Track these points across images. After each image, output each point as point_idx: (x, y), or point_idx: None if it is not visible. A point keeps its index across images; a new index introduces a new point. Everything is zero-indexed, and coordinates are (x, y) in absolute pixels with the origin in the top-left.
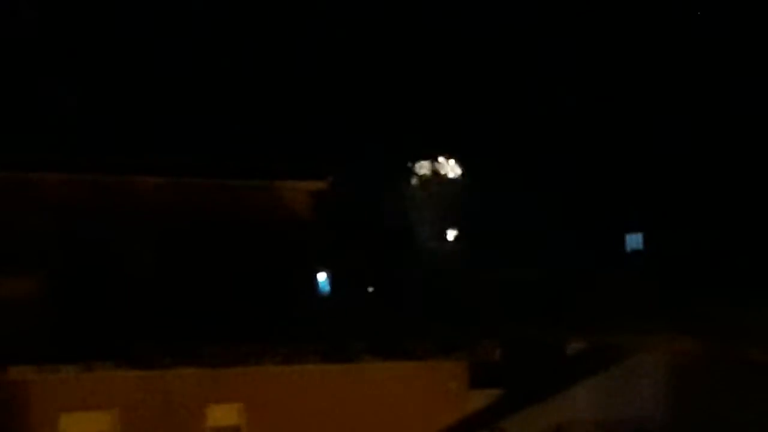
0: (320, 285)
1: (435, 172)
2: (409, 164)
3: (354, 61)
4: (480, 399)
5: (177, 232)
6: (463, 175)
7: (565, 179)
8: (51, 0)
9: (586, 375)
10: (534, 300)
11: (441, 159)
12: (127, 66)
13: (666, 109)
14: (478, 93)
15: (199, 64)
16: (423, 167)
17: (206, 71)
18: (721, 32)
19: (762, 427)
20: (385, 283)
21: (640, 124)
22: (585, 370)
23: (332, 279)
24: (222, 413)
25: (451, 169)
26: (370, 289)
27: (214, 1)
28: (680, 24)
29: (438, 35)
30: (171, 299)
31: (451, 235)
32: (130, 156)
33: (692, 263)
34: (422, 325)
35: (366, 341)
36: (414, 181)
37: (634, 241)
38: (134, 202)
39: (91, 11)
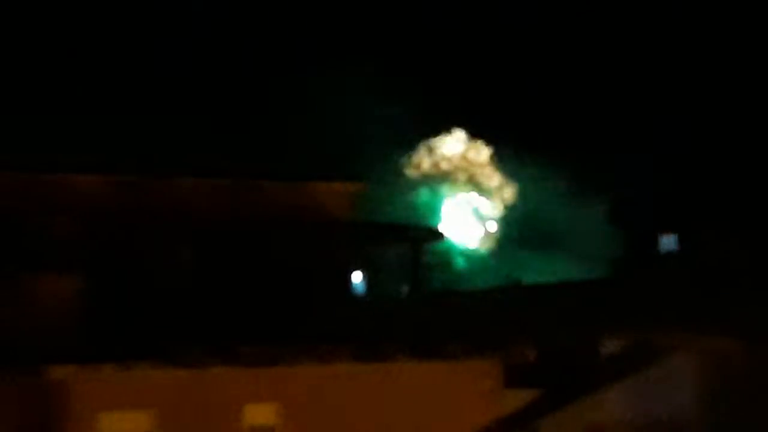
0: (355, 285)
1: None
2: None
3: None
4: (515, 399)
5: (215, 233)
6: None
7: (600, 181)
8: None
9: (621, 376)
10: (568, 300)
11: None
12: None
13: (702, 112)
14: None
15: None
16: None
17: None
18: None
19: None
20: (419, 283)
21: (674, 126)
22: (620, 370)
23: (367, 279)
24: (259, 413)
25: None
26: (405, 290)
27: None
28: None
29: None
30: (209, 299)
31: (482, 235)
32: (169, 158)
33: (726, 264)
34: (457, 326)
35: (401, 341)
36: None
37: (667, 242)
38: (172, 204)
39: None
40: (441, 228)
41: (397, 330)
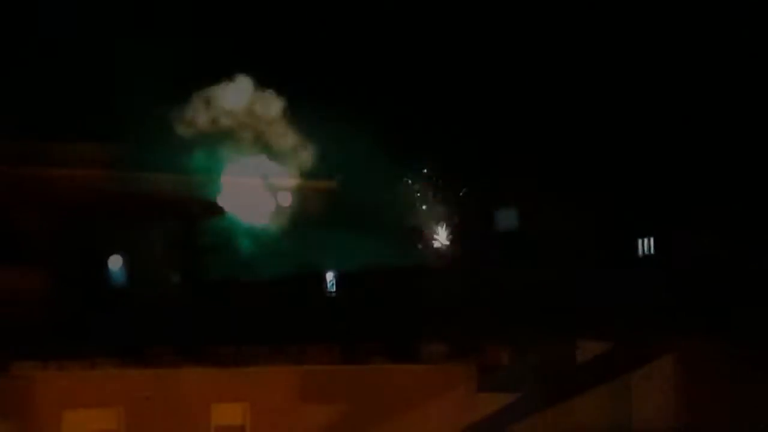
0: (329, 285)
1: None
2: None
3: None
4: (489, 403)
5: (183, 230)
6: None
7: (577, 182)
8: None
9: (598, 381)
10: (545, 303)
11: None
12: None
13: (678, 113)
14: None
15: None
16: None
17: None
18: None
19: None
20: (393, 284)
21: (651, 127)
22: (596, 375)
23: (338, 279)
24: (227, 412)
25: None
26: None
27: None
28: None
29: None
30: (179, 298)
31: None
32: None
33: (703, 267)
34: (432, 328)
35: (376, 343)
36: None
37: (645, 245)
38: (141, 201)
39: None
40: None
41: (372, 332)
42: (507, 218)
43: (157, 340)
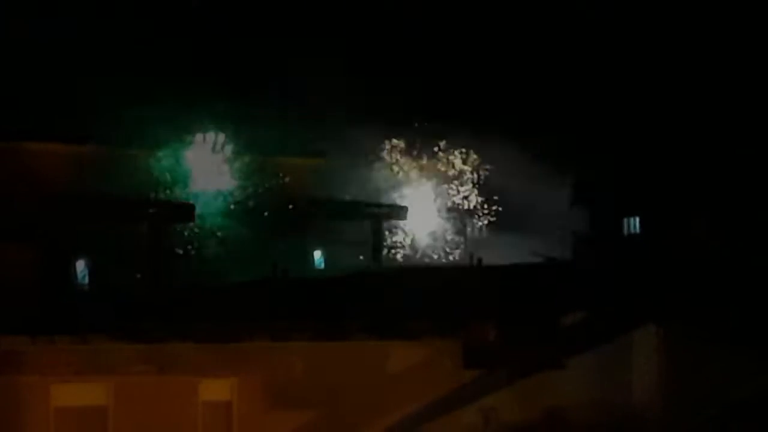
0: (316, 261)
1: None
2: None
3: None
4: (473, 378)
5: (172, 207)
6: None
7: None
8: None
9: (579, 353)
10: (529, 279)
11: None
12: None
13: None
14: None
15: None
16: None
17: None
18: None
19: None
20: (379, 261)
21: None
22: (578, 348)
23: (327, 256)
24: (215, 388)
25: None
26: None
27: None
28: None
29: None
30: (167, 274)
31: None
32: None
33: (689, 247)
34: (418, 304)
35: (361, 319)
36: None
37: (631, 224)
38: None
39: None
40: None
41: (358, 308)
42: None
43: (147, 315)
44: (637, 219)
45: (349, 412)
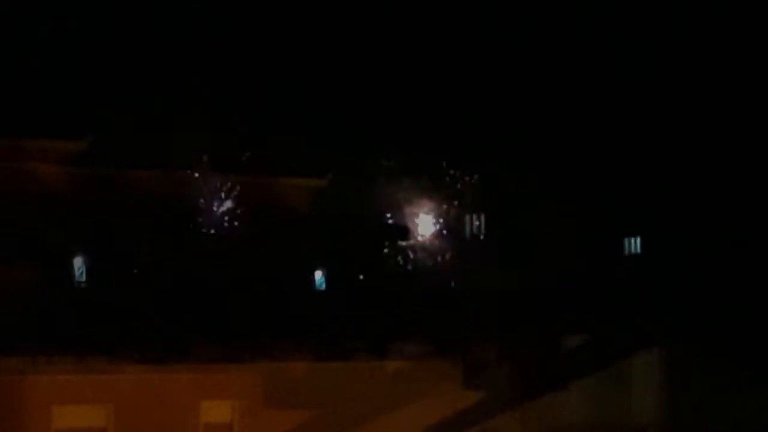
0: (317, 282)
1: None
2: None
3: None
4: (475, 399)
5: (175, 228)
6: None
7: (566, 182)
8: None
9: (581, 376)
10: (532, 302)
11: None
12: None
13: (665, 113)
14: (479, 94)
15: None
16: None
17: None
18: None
19: (756, 424)
20: (381, 281)
21: (638, 128)
22: (580, 371)
23: (328, 277)
24: (215, 410)
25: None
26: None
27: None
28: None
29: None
30: (167, 295)
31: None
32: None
33: (689, 266)
34: (418, 325)
35: (361, 340)
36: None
37: (632, 244)
38: (132, 197)
39: None
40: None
41: (358, 328)
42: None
43: (146, 337)
44: (638, 239)
45: None
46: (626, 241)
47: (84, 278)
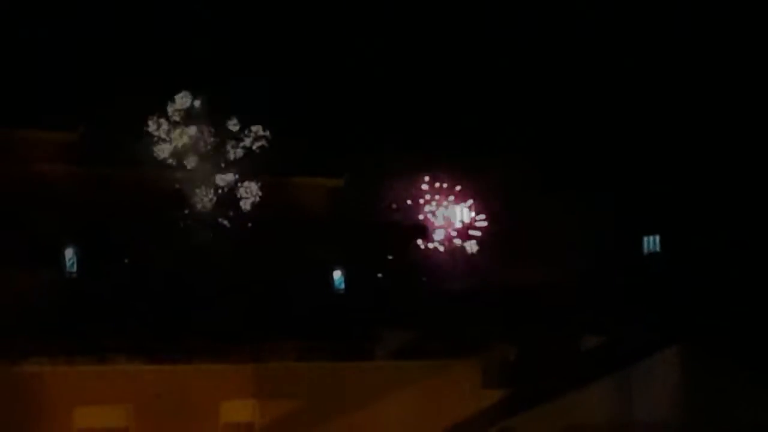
0: (336, 282)
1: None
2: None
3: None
4: (494, 399)
5: (195, 229)
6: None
7: (583, 181)
8: None
9: (599, 375)
10: (550, 300)
11: None
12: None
13: (685, 113)
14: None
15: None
16: None
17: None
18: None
19: None
20: (400, 282)
21: (657, 126)
22: (597, 370)
23: (347, 276)
24: (236, 409)
25: None
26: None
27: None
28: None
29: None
30: (188, 295)
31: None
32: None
33: (709, 264)
34: (437, 325)
35: (380, 340)
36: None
37: (651, 242)
38: (152, 198)
39: None
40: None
41: (377, 328)
42: None
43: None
44: (657, 237)
45: None
46: (645, 239)
47: (75, 269)
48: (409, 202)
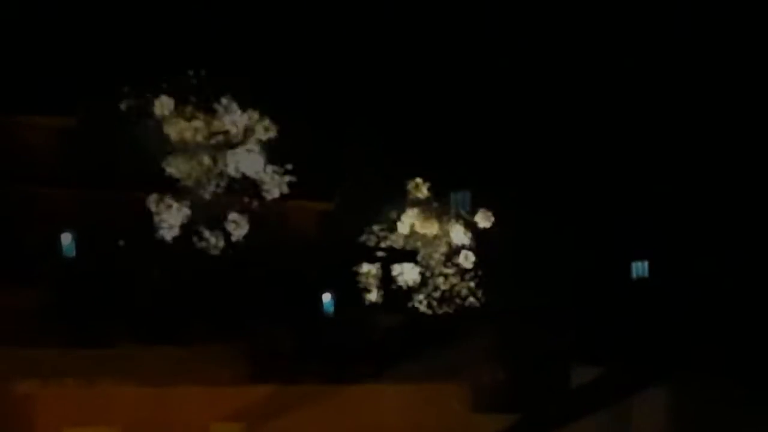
0: (325, 305)
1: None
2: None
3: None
4: (484, 423)
5: (182, 250)
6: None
7: (572, 206)
8: None
9: (594, 407)
10: (538, 326)
11: None
12: None
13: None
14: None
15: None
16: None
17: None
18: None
19: None
20: (390, 304)
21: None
22: (591, 402)
23: (335, 299)
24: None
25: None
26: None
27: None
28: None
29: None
30: (174, 317)
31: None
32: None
33: (699, 291)
34: (424, 348)
35: (368, 362)
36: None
37: (640, 268)
38: (138, 217)
39: None
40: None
41: (365, 351)
42: None
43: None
44: (646, 263)
45: None
46: (634, 265)
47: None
48: (397, 225)
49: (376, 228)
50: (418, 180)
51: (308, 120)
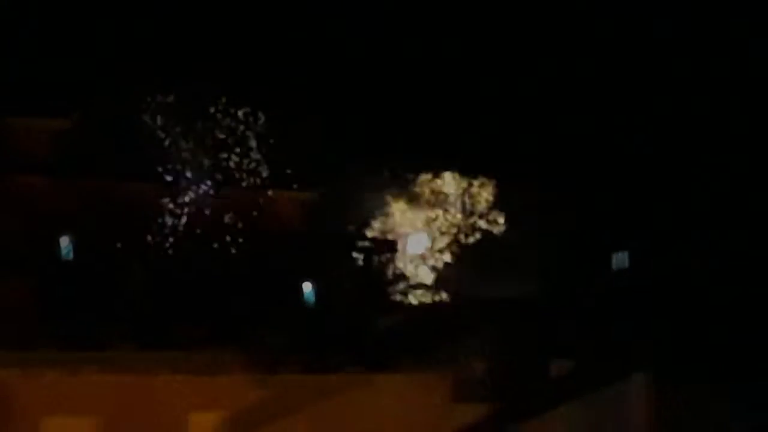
0: (306, 295)
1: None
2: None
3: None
4: (464, 413)
5: (166, 240)
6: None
7: (552, 197)
8: None
9: (569, 397)
10: (516, 317)
11: None
12: None
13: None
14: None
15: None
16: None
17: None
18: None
19: None
20: (370, 294)
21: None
22: (568, 392)
23: (318, 289)
24: (204, 422)
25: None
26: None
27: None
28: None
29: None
30: (157, 305)
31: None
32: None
33: (678, 282)
34: (406, 338)
35: (348, 352)
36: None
37: (620, 259)
38: (124, 209)
39: None
40: (393, 240)
41: (345, 341)
42: None
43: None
44: (626, 254)
45: None
46: (614, 256)
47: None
48: (381, 214)
49: (359, 218)
50: (405, 171)
51: (293, 111)
